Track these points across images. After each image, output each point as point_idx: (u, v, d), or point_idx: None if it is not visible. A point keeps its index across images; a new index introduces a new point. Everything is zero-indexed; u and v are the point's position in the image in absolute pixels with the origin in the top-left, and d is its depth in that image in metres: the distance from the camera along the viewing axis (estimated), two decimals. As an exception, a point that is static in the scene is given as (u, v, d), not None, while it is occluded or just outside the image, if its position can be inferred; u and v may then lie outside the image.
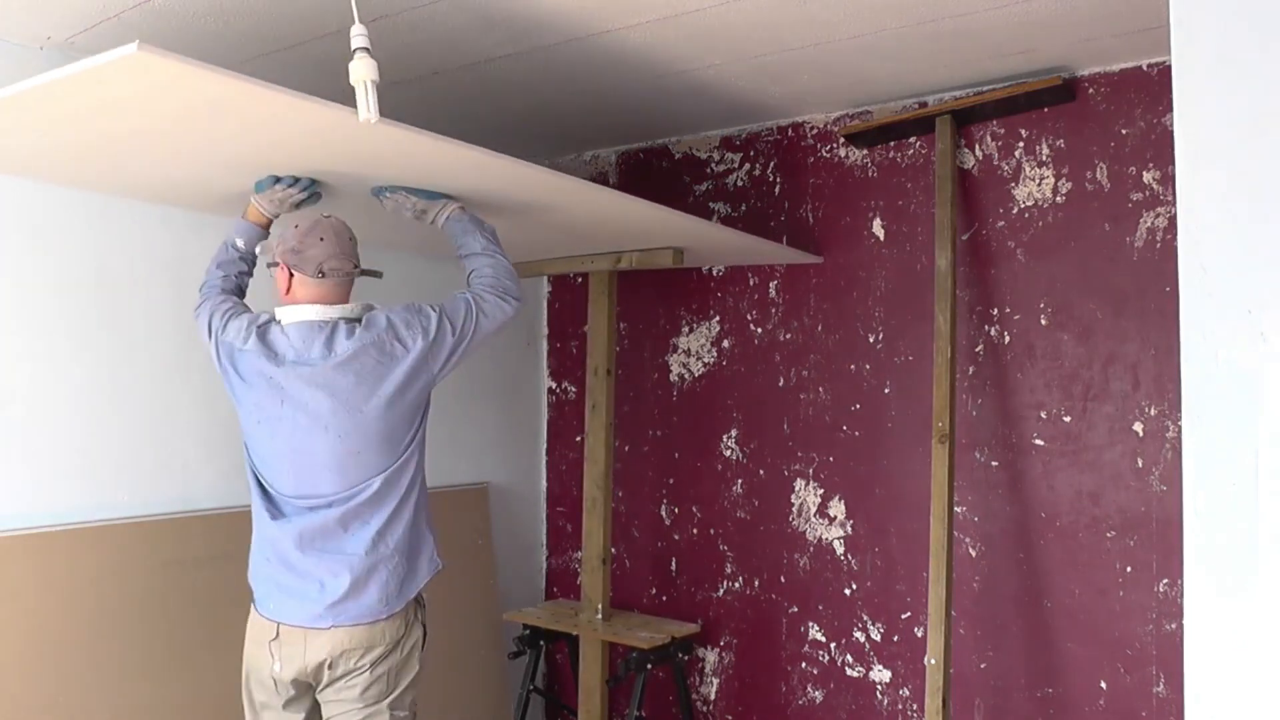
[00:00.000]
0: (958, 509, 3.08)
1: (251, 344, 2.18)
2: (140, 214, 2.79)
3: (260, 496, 2.23)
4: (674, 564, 3.73)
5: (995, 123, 3.06)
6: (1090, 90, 2.91)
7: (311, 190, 2.39)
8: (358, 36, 1.83)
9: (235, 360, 2.21)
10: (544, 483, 4.12)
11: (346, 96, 1.85)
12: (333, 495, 2.17)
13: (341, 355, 2.14)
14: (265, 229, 2.43)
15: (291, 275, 2.22)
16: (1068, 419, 2.94)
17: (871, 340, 3.28)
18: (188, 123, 2.02)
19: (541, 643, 3.52)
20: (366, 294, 2.40)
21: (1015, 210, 3.03)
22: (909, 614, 3.19)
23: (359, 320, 2.24)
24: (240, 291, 2.40)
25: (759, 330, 3.54)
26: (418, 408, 2.26)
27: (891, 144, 3.25)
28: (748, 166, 3.57)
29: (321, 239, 2.19)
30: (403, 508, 2.23)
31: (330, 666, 2.18)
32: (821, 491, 3.38)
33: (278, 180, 2.34)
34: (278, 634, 2.19)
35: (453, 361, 2.27)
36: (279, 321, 2.22)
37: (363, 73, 1.81)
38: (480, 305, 2.31)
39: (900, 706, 3.21)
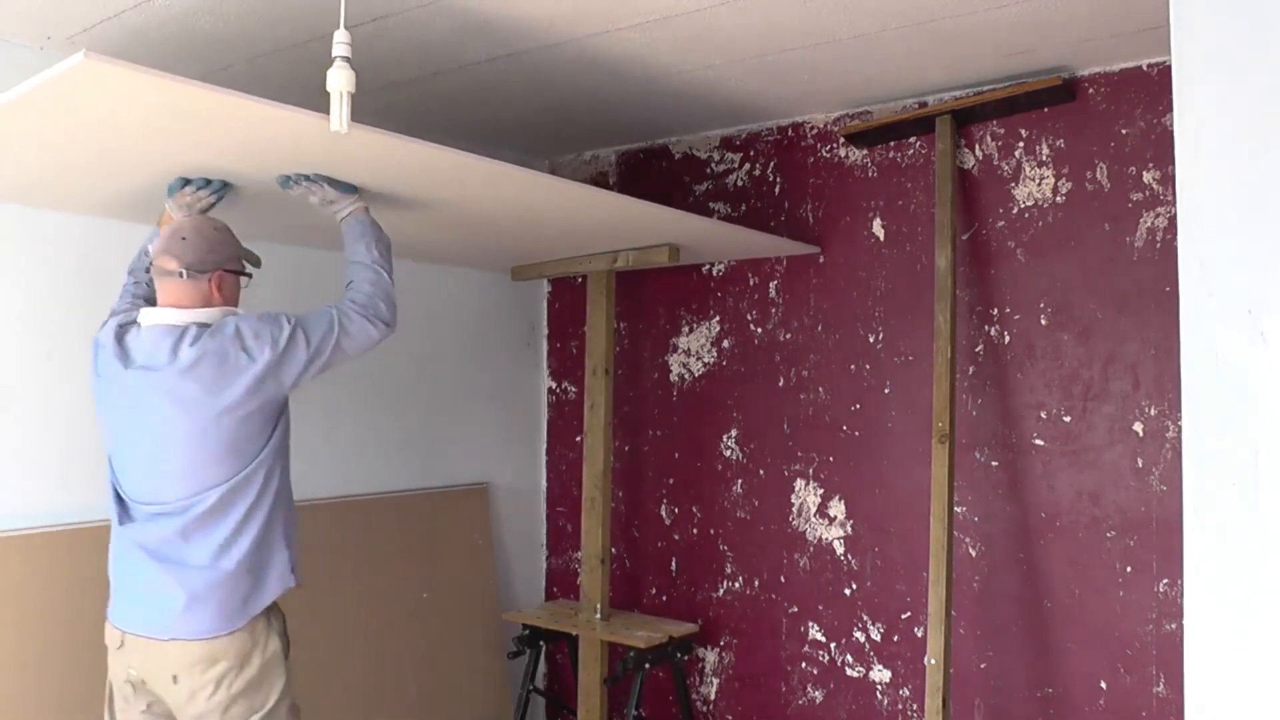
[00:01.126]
0: (958, 509, 3.08)
1: (110, 343, 2.14)
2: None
3: (113, 500, 2.17)
4: (674, 564, 3.73)
5: (995, 123, 3.06)
6: (1090, 90, 2.90)
7: (222, 192, 2.34)
8: (340, 45, 1.82)
9: (97, 357, 2.18)
10: (544, 482, 4.12)
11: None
12: (174, 503, 2.09)
13: (184, 362, 2.05)
14: None
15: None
16: (1068, 419, 2.94)
17: (871, 340, 3.28)
18: (151, 133, 2.01)
19: (541, 643, 3.52)
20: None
21: (1015, 210, 3.03)
22: (909, 614, 3.19)
23: (209, 325, 2.14)
24: (150, 299, 2.31)
25: (759, 330, 3.54)
26: (268, 420, 2.15)
27: (891, 144, 3.25)
28: (748, 166, 3.56)
29: (184, 238, 2.13)
30: (249, 522, 2.12)
31: (175, 681, 2.09)
32: (821, 491, 3.38)
33: (187, 183, 2.30)
34: (123, 643, 2.13)
35: (306, 376, 2.16)
36: (139, 324, 2.16)
37: (339, 83, 1.81)
38: (344, 324, 2.20)
39: (900, 706, 3.21)
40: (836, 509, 3.35)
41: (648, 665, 3.20)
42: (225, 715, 2.09)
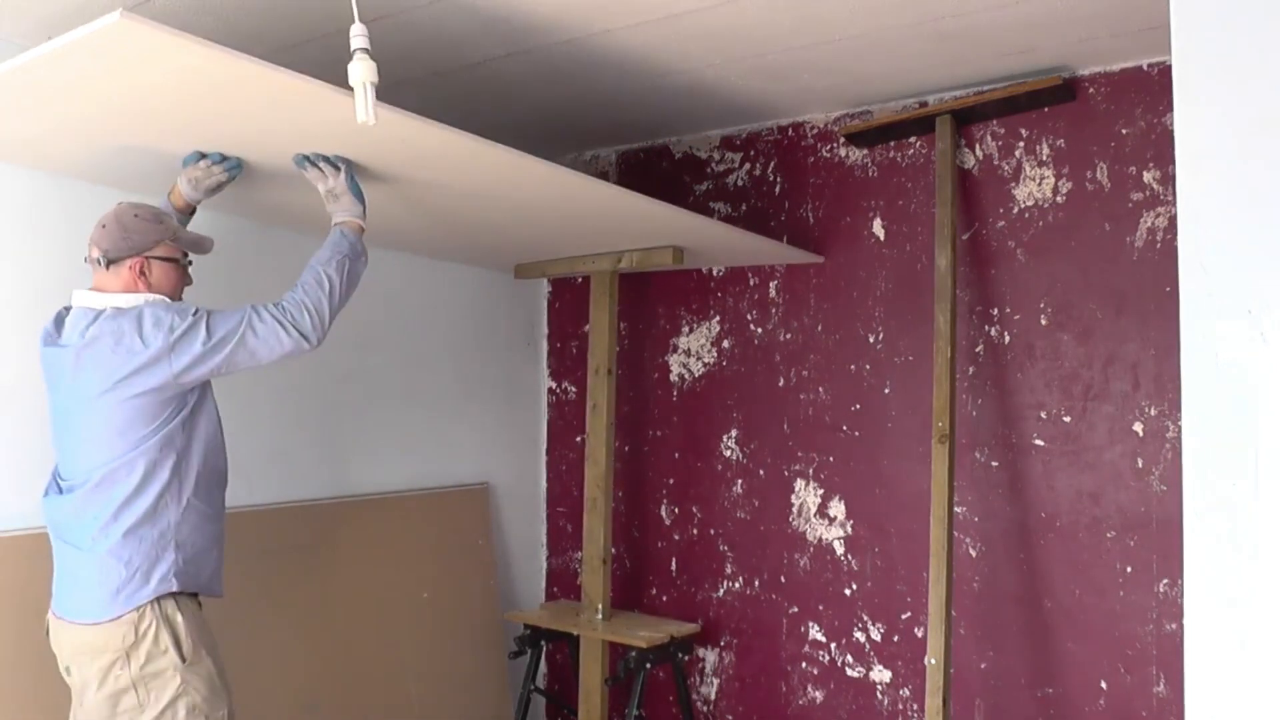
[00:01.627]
0: (958, 509, 3.08)
1: (50, 323, 2.21)
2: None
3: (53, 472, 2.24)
4: (674, 564, 3.73)
5: (995, 122, 3.06)
6: (1090, 90, 2.90)
7: (235, 171, 2.33)
8: (358, 37, 1.83)
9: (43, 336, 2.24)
10: (544, 483, 4.12)
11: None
12: (71, 479, 2.15)
13: (86, 340, 2.09)
14: (184, 213, 2.39)
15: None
16: (1068, 419, 2.94)
17: (871, 340, 3.28)
18: (176, 102, 2.01)
19: (542, 643, 3.52)
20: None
21: (1015, 210, 3.03)
22: (909, 614, 3.19)
23: (123, 310, 2.14)
24: None
25: (759, 330, 3.54)
26: (159, 408, 2.11)
27: (891, 144, 3.25)
28: (748, 166, 3.57)
29: (103, 226, 2.15)
30: (128, 508, 2.09)
31: (68, 672, 2.14)
32: (821, 491, 3.38)
33: (203, 156, 2.29)
34: (48, 624, 2.20)
35: (201, 370, 2.10)
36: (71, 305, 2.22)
37: (362, 74, 1.81)
38: (253, 324, 2.13)
39: (900, 706, 3.21)
40: (836, 509, 3.35)
41: (649, 665, 3.20)
42: (116, 711, 2.09)
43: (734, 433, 3.59)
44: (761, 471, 3.52)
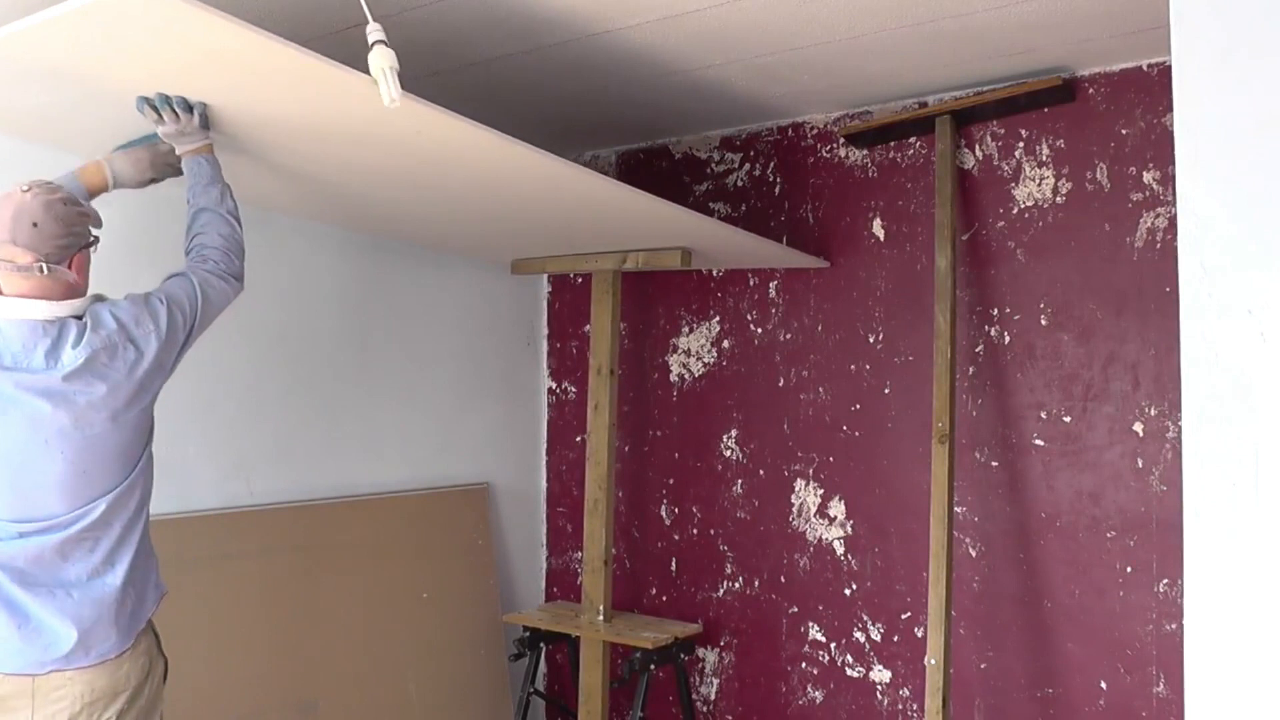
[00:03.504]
0: (958, 509, 3.08)
1: None
2: (138, 209, 2.78)
3: None
4: (674, 564, 3.73)
5: (995, 123, 3.06)
6: (1090, 90, 2.90)
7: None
8: (374, 32, 1.87)
9: None
10: (544, 483, 4.12)
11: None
12: (53, 520, 1.86)
13: (71, 364, 1.82)
14: (91, 196, 2.12)
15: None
16: (1068, 419, 2.94)
17: (871, 340, 3.28)
18: (188, 80, 1.98)
19: (541, 644, 3.52)
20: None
21: (1015, 210, 3.03)
22: (909, 614, 3.19)
23: (83, 319, 1.89)
24: None
25: (759, 330, 3.54)
26: (149, 417, 1.99)
27: (891, 144, 3.25)
28: (748, 166, 3.56)
29: (35, 224, 1.82)
30: (131, 531, 1.96)
31: None
32: (821, 491, 3.38)
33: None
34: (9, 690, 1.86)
35: (184, 354, 2.01)
36: None
37: (382, 61, 1.84)
38: (206, 292, 2.02)
39: (900, 706, 3.21)
40: (836, 509, 3.35)
41: (653, 666, 3.20)
42: None
43: (734, 433, 3.59)
44: (761, 471, 3.52)
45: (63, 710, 1.86)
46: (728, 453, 3.60)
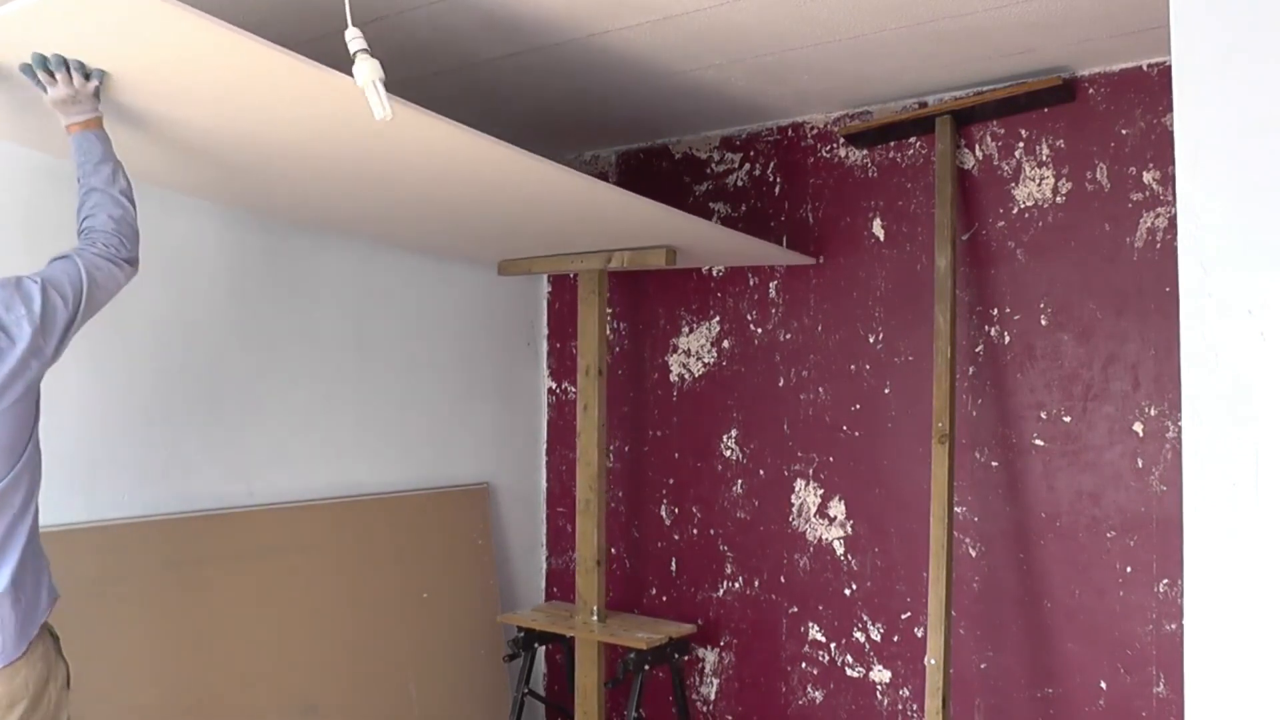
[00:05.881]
0: (958, 509, 3.08)
1: None
2: (139, 210, 2.79)
3: None
4: (674, 564, 3.73)
5: (995, 123, 3.06)
6: (1090, 90, 2.91)
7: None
8: (354, 40, 1.80)
9: None
10: (544, 483, 4.12)
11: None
12: None
13: None
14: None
15: None
16: (1068, 419, 2.94)
17: (871, 340, 3.28)
18: (167, 79, 1.94)
19: (537, 645, 3.51)
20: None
21: (1015, 210, 3.03)
22: (909, 614, 3.19)
23: None
24: None
25: (759, 330, 3.54)
26: (31, 406, 1.85)
27: (891, 144, 3.25)
28: (748, 167, 3.56)
29: None
30: (16, 530, 1.82)
31: None
32: (821, 491, 3.38)
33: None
34: None
35: (66, 345, 1.88)
36: None
37: (367, 74, 1.79)
38: (94, 276, 1.89)
39: (900, 707, 3.21)
40: (836, 509, 3.35)
41: (648, 666, 3.20)
42: None
43: (734, 433, 3.59)
44: (761, 471, 3.52)
45: None
46: (728, 453, 3.60)
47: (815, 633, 3.38)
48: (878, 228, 3.28)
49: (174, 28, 1.70)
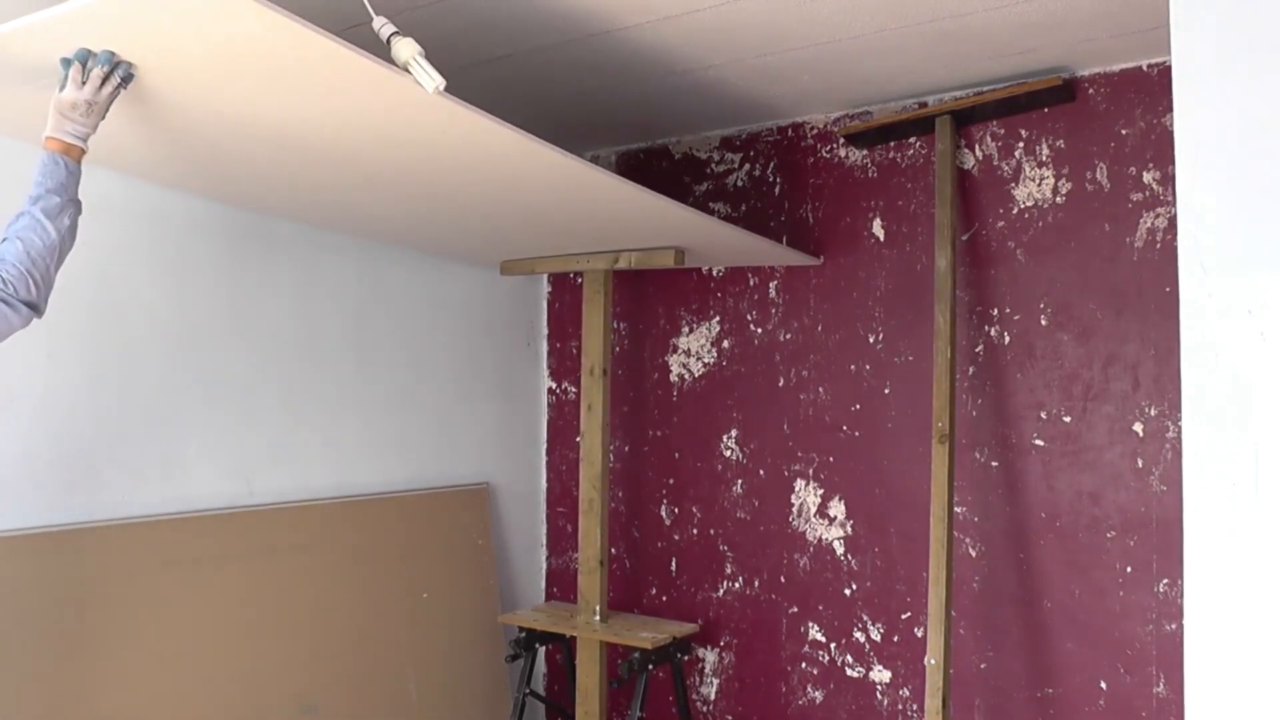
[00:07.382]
0: (958, 509, 3.08)
1: None
2: (140, 210, 2.79)
3: None
4: (674, 564, 3.73)
5: (995, 123, 3.06)
6: (1090, 90, 2.91)
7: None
8: (384, 26, 1.84)
9: None
10: (544, 483, 4.12)
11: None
12: None
13: None
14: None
15: None
16: (1068, 419, 2.94)
17: (871, 340, 3.28)
18: (200, 74, 1.89)
19: (538, 645, 3.51)
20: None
21: (1015, 210, 3.03)
22: (909, 614, 3.19)
23: None
24: None
25: (759, 330, 3.54)
26: None
27: (891, 144, 3.25)
28: (748, 167, 3.57)
29: None
30: None
31: None
32: (821, 491, 3.38)
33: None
34: None
35: None
36: None
37: (408, 51, 1.80)
38: None
39: (900, 706, 3.21)
40: (836, 509, 3.35)
41: (651, 666, 3.20)
42: None
43: (734, 433, 3.59)
44: (761, 471, 3.52)
45: None
46: (728, 453, 3.60)
47: (815, 633, 3.38)
48: (878, 228, 3.28)
49: (230, 12, 1.63)
